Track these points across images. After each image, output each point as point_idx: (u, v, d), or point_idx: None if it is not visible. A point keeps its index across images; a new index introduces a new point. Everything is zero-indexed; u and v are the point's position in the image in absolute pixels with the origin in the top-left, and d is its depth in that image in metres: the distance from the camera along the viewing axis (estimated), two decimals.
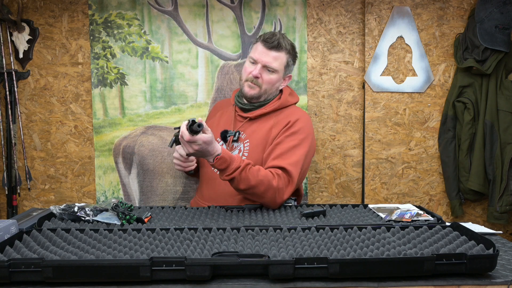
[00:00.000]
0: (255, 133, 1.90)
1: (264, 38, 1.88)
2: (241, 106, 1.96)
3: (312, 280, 1.10)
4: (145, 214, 1.53)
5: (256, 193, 1.67)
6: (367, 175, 2.36)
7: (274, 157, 1.78)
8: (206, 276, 1.08)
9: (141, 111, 2.34)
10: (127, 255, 1.17)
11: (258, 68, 1.87)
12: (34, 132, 2.36)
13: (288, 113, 1.92)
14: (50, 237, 1.30)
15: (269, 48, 1.87)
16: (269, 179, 1.67)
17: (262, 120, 1.93)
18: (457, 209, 2.32)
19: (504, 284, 1.10)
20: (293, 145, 1.80)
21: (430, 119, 2.35)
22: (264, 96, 1.93)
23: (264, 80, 1.88)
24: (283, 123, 1.87)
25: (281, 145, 1.80)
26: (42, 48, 2.32)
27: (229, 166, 1.61)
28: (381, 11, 2.30)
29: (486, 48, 2.17)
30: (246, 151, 1.88)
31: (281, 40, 1.88)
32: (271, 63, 1.87)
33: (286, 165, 1.74)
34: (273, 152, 1.80)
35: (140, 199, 2.38)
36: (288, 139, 1.82)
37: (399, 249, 1.19)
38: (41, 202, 2.39)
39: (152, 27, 2.31)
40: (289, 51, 1.91)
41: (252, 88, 1.89)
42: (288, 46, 1.91)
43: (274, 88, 1.93)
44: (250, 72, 1.88)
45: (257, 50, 1.89)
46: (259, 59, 1.87)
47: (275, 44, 1.86)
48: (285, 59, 1.90)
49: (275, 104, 1.93)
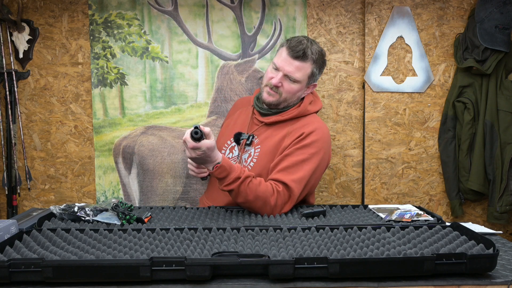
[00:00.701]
0: (268, 139, 1.83)
1: (290, 45, 1.78)
2: (259, 110, 1.90)
3: (312, 280, 1.10)
4: (145, 214, 1.53)
5: (253, 208, 1.65)
6: (367, 175, 2.36)
7: (280, 170, 1.72)
8: (206, 276, 1.08)
9: (141, 111, 2.34)
10: (127, 255, 1.17)
11: (279, 76, 1.78)
12: (34, 132, 2.36)
13: (305, 123, 1.83)
14: (50, 237, 1.30)
15: (294, 57, 1.77)
16: (267, 195, 1.63)
17: (277, 127, 1.85)
18: (457, 209, 2.32)
19: (504, 284, 1.10)
20: (301, 160, 1.72)
21: (430, 119, 2.35)
22: (283, 104, 1.84)
23: (284, 89, 1.80)
24: (296, 133, 1.79)
25: (289, 158, 1.73)
26: (42, 48, 2.32)
27: (228, 175, 1.57)
28: (381, 11, 2.30)
29: (486, 48, 2.17)
30: (256, 156, 1.82)
31: (307, 49, 1.77)
32: (294, 74, 1.78)
33: (288, 181, 1.67)
34: (280, 163, 1.73)
35: (140, 199, 2.38)
36: (298, 152, 1.74)
37: (399, 249, 1.19)
38: (41, 202, 2.39)
39: (152, 27, 2.31)
40: (315, 60, 1.80)
41: (271, 96, 1.82)
42: (315, 55, 1.80)
43: (295, 97, 1.84)
44: (271, 78, 1.80)
45: (281, 56, 1.80)
46: (281, 67, 1.78)
47: (300, 54, 1.76)
48: (310, 69, 1.80)
49: (293, 112, 1.84)
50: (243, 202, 1.64)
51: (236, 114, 2.03)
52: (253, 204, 1.63)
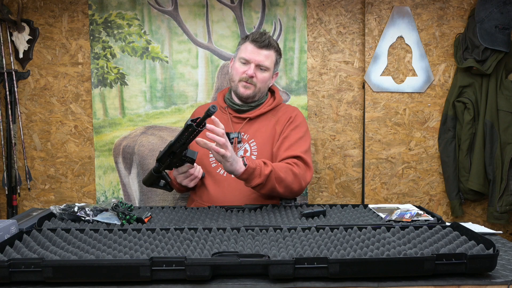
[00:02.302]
0: (259, 132, 1.94)
1: (254, 38, 1.92)
2: (238, 107, 1.98)
3: (312, 280, 1.10)
4: (145, 214, 1.53)
5: (287, 185, 1.73)
6: (367, 175, 2.36)
7: (285, 149, 1.85)
8: (206, 276, 1.08)
9: (141, 111, 2.34)
10: (127, 255, 1.17)
11: (252, 67, 1.91)
12: (34, 132, 2.36)
13: (284, 110, 2.01)
14: (50, 237, 1.30)
15: (260, 47, 1.91)
16: (289, 167, 1.75)
17: (262, 119, 1.98)
18: (457, 209, 2.32)
19: (504, 284, 1.10)
20: (299, 137, 1.90)
21: (430, 119, 2.35)
22: (258, 94, 1.97)
23: (258, 79, 1.93)
24: (284, 118, 1.96)
25: (289, 138, 1.89)
26: (42, 48, 2.32)
27: (258, 165, 1.64)
28: (381, 11, 2.30)
29: (486, 48, 2.17)
30: (255, 150, 1.91)
31: (270, 39, 1.94)
32: (264, 62, 1.92)
33: (299, 153, 1.83)
34: (282, 145, 1.88)
35: (140, 199, 2.38)
36: (294, 132, 1.91)
37: (399, 249, 1.19)
38: (41, 202, 2.39)
39: (152, 27, 2.31)
40: (277, 49, 1.98)
41: (248, 88, 1.93)
42: (276, 44, 1.98)
43: (266, 86, 1.99)
44: (244, 72, 1.92)
45: (248, 50, 1.92)
46: (251, 59, 1.91)
47: (266, 43, 1.91)
48: (274, 57, 1.97)
49: (273, 103, 2.00)
50: (277, 184, 1.70)
51: (207, 121, 2.03)
52: (286, 181, 1.71)
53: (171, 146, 1.55)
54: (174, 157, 1.58)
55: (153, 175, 1.68)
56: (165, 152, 1.58)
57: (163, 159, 1.61)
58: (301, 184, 1.79)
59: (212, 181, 1.91)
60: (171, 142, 1.55)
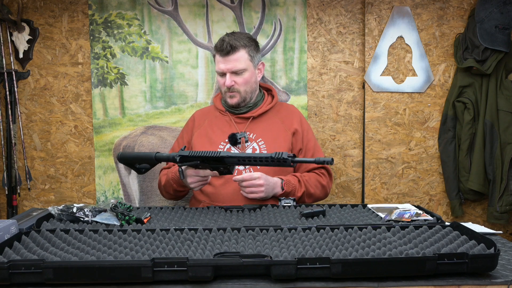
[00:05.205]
0: (267, 129, 1.97)
1: (217, 49, 1.92)
2: (237, 111, 2.00)
3: (313, 280, 1.10)
4: (144, 215, 1.53)
5: (315, 198, 1.94)
6: (367, 175, 2.36)
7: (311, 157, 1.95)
8: (208, 277, 1.08)
9: (141, 111, 2.34)
10: (128, 256, 1.16)
11: (228, 77, 1.91)
12: (34, 132, 2.35)
13: (285, 107, 2.08)
14: (49, 238, 1.29)
15: (225, 55, 1.90)
16: (319, 180, 1.93)
17: (266, 118, 2.01)
18: (457, 209, 2.32)
19: (504, 284, 1.10)
20: (314, 140, 2.04)
21: (430, 119, 2.35)
22: (248, 96, 1.98)
23: (239, 84, 1.93)
24: (291, 116, 2.02)
25: (309, 144, 2.00)
26: (42, 48, 2.32)
27: (292, 190, 1.83)
28: (381, 11, 2.30)
29: (486, 48, 2.17)
30: (264, 149, 1.94)
31: (231, 42, 1.89)
32: (236, 66, 1.91)
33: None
34: (307, 154, 1.99)
35: (140, 199, 2.38)
36: (309, 134, 2.03)
37: (400, 249, 1.19)
38: (41, 202, 2.38)
39: (152, 27, 2.31)
40: (245, 45, 1.92)
41: (233, 97, 1.95)
42: (242, 41, 1.92)
43: (252, 83, 1.98)
44: (223, 83, 1.93)
45: (218, 61, 1.94)
46: (223, 69, 1.92)
47: (228, 49, 1.89)
48: (246, 54, 1.93)
49: (273, 101, 2.05)
50: (308, 198, 1.91)
51: (206, 124, 2.04)
52: (315, 195, 1.93)
53: (226, 157, 1.57)
54: (222, 164, 1.62)
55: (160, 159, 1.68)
56: (212, 157, 1.59)
57: (204, 159, 1.61)
58: (326, 193, 1.98)
59: (214, 180, 1.93)
60: (229, 153, 1.58)
